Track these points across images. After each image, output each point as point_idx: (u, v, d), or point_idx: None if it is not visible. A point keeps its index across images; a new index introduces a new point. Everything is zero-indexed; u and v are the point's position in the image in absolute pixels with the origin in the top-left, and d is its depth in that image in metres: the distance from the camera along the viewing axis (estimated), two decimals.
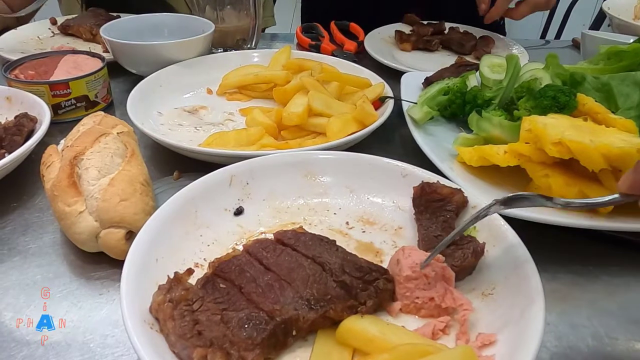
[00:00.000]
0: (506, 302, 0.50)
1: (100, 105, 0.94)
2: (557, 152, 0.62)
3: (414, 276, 0.52)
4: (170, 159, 0.78)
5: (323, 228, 0.62)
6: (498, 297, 0.51)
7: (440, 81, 0.89)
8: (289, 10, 1.56)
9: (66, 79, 0.88)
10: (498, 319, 0.48)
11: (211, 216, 0.61)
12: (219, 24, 1.17)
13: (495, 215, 0.58)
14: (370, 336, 0.46)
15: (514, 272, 0.51)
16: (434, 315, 0.51)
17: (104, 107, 0.95)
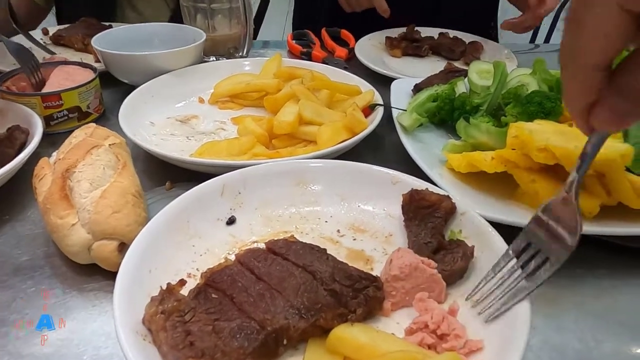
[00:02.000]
0: (494, 307, 0.50)
1: (92, 116, 0.95)
2: (543, 158, 0.63)
3: (401, 277, 0.52)
4: (162, 169, 0.78)
5: (314, 236, 0.63)
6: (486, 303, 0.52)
7: (429, 88, 0.91)
8: (281, 17, 1.56)
9: (58, 90, 0.89)
10: (484, 324, 0.49)
11: (203, 226, 0.62)
12: (210, 32, 1.17)
13: (482, 222, 0.59)
14: (361, 344, 0.47)
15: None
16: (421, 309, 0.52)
17: (96, 117, 0.96)
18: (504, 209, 0.65)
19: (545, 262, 0.48)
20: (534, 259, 0.49)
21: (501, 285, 0.50)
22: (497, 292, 0.50)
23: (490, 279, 0.51)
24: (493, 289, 0.50)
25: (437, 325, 0.49)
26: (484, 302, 0.51)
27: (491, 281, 0.51)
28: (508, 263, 0.51)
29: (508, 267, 0.51)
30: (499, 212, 0.63)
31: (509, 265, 0.51)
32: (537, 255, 0.49)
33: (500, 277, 0.51)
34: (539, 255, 0.49)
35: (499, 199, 0.68)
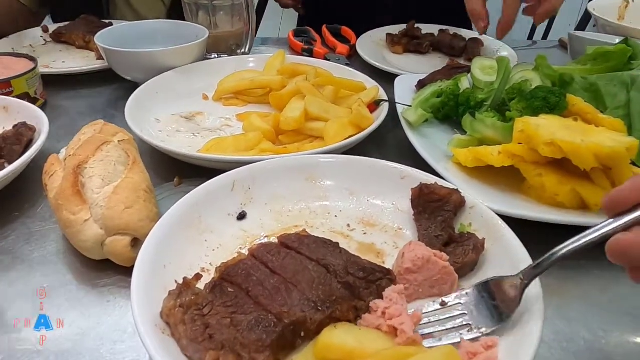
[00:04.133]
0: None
1: (40, 102, 0.99)
2: (550, 152, 0.64)
3: (413, 269, 0.53)
4: (169, 166, 0.79)
5: (325, 231, 0.64)
6: None
7: (433, 84, 0.91)
8: (277, 13, 1.57)
9: (8, 77, 0.92)
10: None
11: (215, 221, 0.62)
12: (212, 29, 1.17)
13: (492, 215, 0.59)
14: (350, 348, 0.46)
15: (512, 270, 0.53)
16: (432, 293, 0.53)
17: (42, 103, 1.00)
18: (512, 202, 0.66)
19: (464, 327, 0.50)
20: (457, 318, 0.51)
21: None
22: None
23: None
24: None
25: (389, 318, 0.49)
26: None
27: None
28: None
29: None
30: (507, 205, 0.64)
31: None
32: (463, 316, 0.51)
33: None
34: (463, 317, 0.50)
35: (506, 192, 0.69)
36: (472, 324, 0.49)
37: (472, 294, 0.51)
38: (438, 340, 0.49)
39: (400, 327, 0.47)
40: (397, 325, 0.48)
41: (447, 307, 0.51)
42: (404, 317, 0.49)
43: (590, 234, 0.46)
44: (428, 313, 0.51)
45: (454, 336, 0.49)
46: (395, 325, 0.48)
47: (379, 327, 0.49)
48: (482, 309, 0.50)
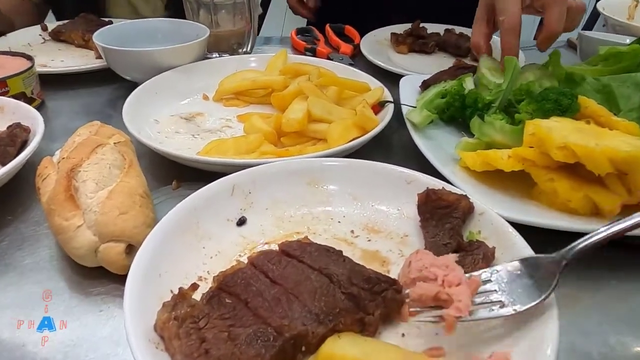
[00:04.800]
0: (518, 315, 0.49)
1: (36, 102, 0.96)
2: (563, 156, 0.61)
3: (421, 277, 0.51)
4: (167, 168, 0.76)
5: (328, 237, 0.61)
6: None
7: (438, 84, 0.89)
8: (281, 11, 1.55)
9: (4, 77, 0.89)
10: (511, 334, 0.47)
11: (213, 227, 0.60)
12: (213, 28, 1.15)
13: (502, 222, 0.57)
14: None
15: None
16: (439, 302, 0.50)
17: (39, 102, 0.97)
18: (522, 209, 0.63)
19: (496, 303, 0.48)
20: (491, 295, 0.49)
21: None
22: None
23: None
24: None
25: (447, 284, 0.48)
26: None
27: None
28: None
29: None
30: (517, 211, 0.61)
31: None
32: (494, 293, 0.49)
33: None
34: (493, 295, 0.49)
35: (516, 198, 0.66)
36: (505, 301, 0.48)
37: (504, 271, 0.50)
38: (468, 316, 0.47)
39: (457, 304, 0.46)
40: (455, 297, 0.47)
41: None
42: (464, 289, 0.47)
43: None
44: None
45: (485, 311, 0.48)
46: (454, 297, 0.47)
47: (437, 296, 0.48)
48: (516, 286, 0.49)
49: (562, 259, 0.49)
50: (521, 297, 0.48)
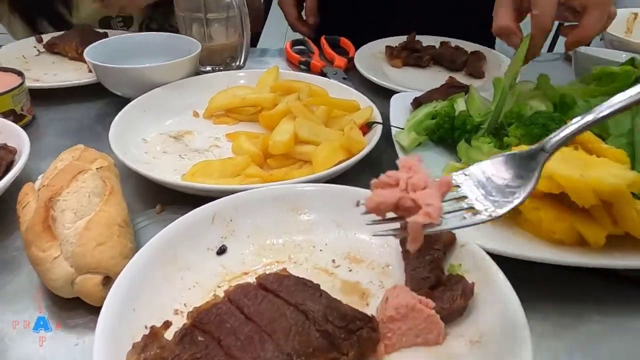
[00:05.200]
0: (494, 351, 0.48)
1: (26, 118, 0.96)
2: (547, 186, 0.61)
3: (397, 317, 0.50)
4: (154, 190, 0.76)
5: (308, 267, 0.61)
6: (486, 346, 0.49)
7: (428, 104, 0.88)
8: (283, 22, 1.54)
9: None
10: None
11: (193, 257, 0.59)
12: (206, 42, 1.15)
13: (483, 255, 0.56)
14: None
15: (502, 318, 0.50)
16: (417, 342, 0.50)
17: (29, 119, 0.97)
18: (507, 239, 0.62)
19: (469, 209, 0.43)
20: (461, 202, 0.44)
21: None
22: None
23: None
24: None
25: (411, 189, 0.42)
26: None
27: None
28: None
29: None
30: (500, 242, 0.60)
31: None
32: (464, 200, 0.44)
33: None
34: (465, 202, 0.44)
35: (502, 225, 0.66)
36: (478, 207, 0.43)
37: (475, 173, 0.46)
38: (439, 225, 0.42)
39: (427, 209, 0.41)
40: (422, 202, 0.41)
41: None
42: (431, 192, 0.42)
43: (625, 98, 0.42)
44: None
45: (457, 220, 0.43)
46: (420, 202, 0.41)
47: (399, 202, 0.42)
48: (490, 189, 0.44)
49: (540, 151, 0.44)
50: (496, 200, 0.43)
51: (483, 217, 0.43)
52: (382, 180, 0.44)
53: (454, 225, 0.43)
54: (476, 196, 0.44)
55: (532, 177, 0.44)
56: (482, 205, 0.43)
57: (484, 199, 0.44)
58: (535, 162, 0.44)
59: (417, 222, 0.41)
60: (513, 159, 0.46)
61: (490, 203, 0.43)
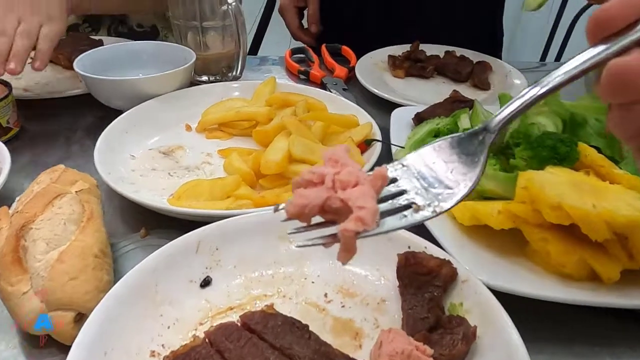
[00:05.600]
0: None
1: (12, 131, 0.92)
2: (556, 217, 0.56)
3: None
4: (140, 212, 0.72)
5: (298, 302, 0.57)
6: None
7: (431, 120, 0.84)
8: (284, 29, 1.50)
9: None
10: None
11: (174, 290, 0.55)
12: (202, 51, 1.11)
13: (486, 293, 0.52)
14: None
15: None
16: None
17: (16, 132, 0.93)
18: (512, 273, 0.58)
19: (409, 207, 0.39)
20: (400, 198, 0.39)
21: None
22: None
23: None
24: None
25: (339, 186, 0.37)
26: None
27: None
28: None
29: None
30: (505, 278, 0.56)
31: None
32: (403, 196, 0.39)
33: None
34: (404, 197, 0.39)
35: (509, 256, 0.61)
36: (420, 202, 0.39)
37: (413, 163, 0.41)
38: (378, 228, 0.37)
39: (359, 213, 0.35)
40: (353, 203, 0.36)
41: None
42: (364, 190, 0.36)
43: (578, 64, 0.36)
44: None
45: (395, 219, 0.38)
46: (351, 204, 0.36)
47: (326, 204, 0.37)
48: (432, 180, 0.39)
49: (484, 131, 0.39)
50: (440, 193, 0.38)
51: (426, 213, 0.38)
52: (305, 179, 0.39)
53: (393, 226, 0.38)
54: (417, 189, 0.40)
55: (477, 163, 0.40)
56: (424, 200, 0.39)
57: (426, 192, 0.39)
58: (481, 145, 0.40)
59: (348, 230, 0.35)
60: (455, 143, 0.41)
61: (433, 196, 0.39)
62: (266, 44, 1.73)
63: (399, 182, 0.41)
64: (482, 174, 0.40)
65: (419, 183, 0.40)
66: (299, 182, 0.40)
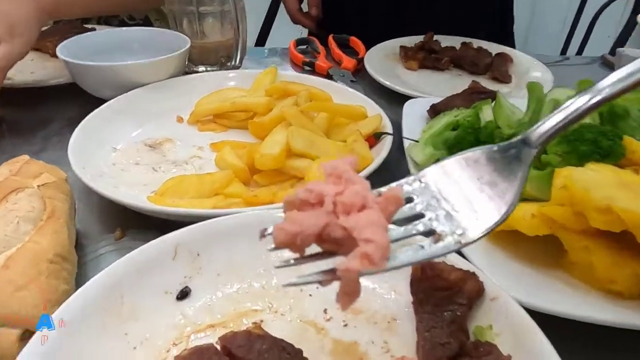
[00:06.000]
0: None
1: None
2: (604, 222, 0.47)
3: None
4: (119, 211, 0.63)
5: (292, 319, 0.47)
6: None
7: (449, 112, 0.74)
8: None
9: None
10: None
11: (144, 303, 0.46)
12: (199, 39, 1.03)
13: (522, 314, 0.42)
14: None
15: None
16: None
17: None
18: (550, 290, 0.49)
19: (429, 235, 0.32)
20: (416, 223, 0.33)
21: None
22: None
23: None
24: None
25: (342, 210, 0.30)
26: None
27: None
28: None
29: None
30: (544, 295, 0.47)
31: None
32: (420, 220, 0.33)
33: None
34: (421, 222, 0.33)
35: (542, 269, 0.52)
36: (441, 228, 0.32)
37: (434, 179, 0.34)
38: (389, 262, 0.30)
39: (366, 248, 0.28)
40: (359, 234, 0.29)
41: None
42: (372, 215, 0.30)
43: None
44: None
45: (410, 252, 0.31)
46: (356, 235, 0.29)
47: (325, 233, 0.31)
48: (457, 203, 0.33)
49: (523, 145, 0.33)
50: (467, 217, 0.32)
51: (448, 244, 0.31)
52: (300, 198, 0.32)
53: (407, 260, 0.31)
54: (437, 213, 0.33)
55: (513, 183, 0.33)
56: (445, 226, 0.32)
57: (448, 217, 0.32)
58: (518, 163, 0.34)
59: (351, 271, 0.28)
60: (486, 157, 0.35)
61: (458, 223, 0.32)
62: (275, 37, 1.66)
63: (415, 202, 0.34)
64: (519, 197, 0.33)
65: (440, 205, 0.33)
66: (292, 203, 0.33)
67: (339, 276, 0.29)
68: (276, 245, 0.32)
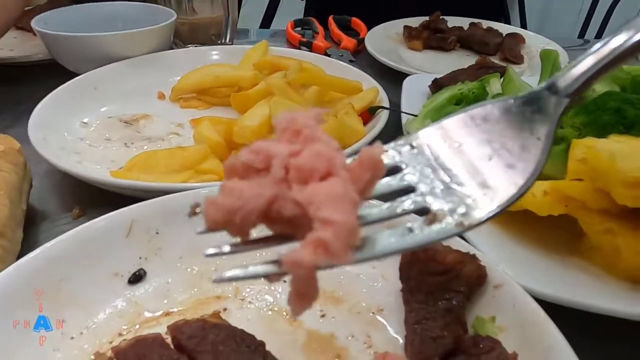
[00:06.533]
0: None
1: None
2: (633, 198, 0.39)
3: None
4: (80, 188, 0.57)
5: (260, 307, 0.41)
6: None
7: (452, 86, 0.67)
8: (295, 6, 1.35)
9: None
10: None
11: (87, 288, 0.40)
12: (188, 15, 0.97)
13: (531, 304, 0.35)
14: None
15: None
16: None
17: None
18: (565, 278, 0.41)
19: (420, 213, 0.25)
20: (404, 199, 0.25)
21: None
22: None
23: None
24: None
25: (297, 178, 0.23)
26: None
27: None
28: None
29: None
30: (557, 284, 0.39)
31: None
32: (410, 195, 0.25)
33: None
34: (411, 198, 0.25)
35: (555, 254, 0.44)
36: (434, 206, 0.25)
37: (427, 142, 0.28)
38: (361, 251, 0.23)
39: (323, 233, 0.21)
40: (315, 211, 0.22)
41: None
42: (338, 185, 0.23)
43: None
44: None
45: (394, 237, 0.24)
46: (312, 212, 0.22)
47: (273, 209, 0.23)
48: (457, 173, 0.26)
49: (550, 94, 0.26)
50: (469, 195, 0.25)
51: (446, 227, 0.24)
52: (242, 161, 0.24)
53: (390, 247, 0.24)
54: (432, 186, 0.25)
55: (536, 146, 0.25)
56: (443, 205, 0.24)
57: (447, 192, 0.25)
58: (543, 118, 0.26)
59: (299, 264, 0.21)
60: (499, 113, 0.27)
61: (459, 199, 0.25)
62: (280, 23, 1.59)
63: (404, 171, 0.26)
64: (544, 163, 0.25)
65: (437, 175, 0.26)
66: (233, 168, 0.25)
67: (285, 271, 0.22)
68: (208, 226, 0.24)
